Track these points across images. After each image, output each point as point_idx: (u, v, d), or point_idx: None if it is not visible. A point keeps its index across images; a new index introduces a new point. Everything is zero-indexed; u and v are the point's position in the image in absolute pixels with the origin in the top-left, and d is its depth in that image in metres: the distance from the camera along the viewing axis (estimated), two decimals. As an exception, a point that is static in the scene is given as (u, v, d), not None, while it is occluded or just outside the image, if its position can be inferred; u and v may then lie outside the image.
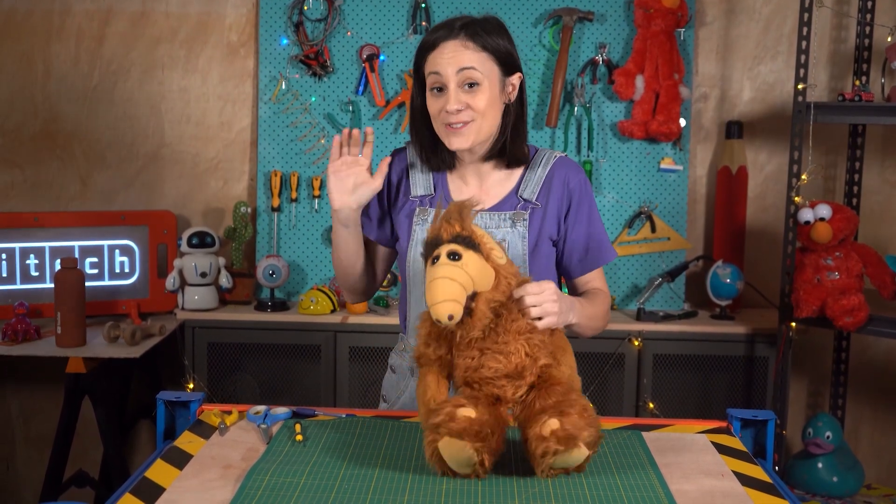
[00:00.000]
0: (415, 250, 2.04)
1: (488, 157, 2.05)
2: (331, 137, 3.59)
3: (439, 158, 2.07)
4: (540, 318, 1.71)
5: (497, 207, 2.05)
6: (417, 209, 2.07)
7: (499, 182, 2.08)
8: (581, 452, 1.57)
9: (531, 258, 2.02)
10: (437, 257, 1.62)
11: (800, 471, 3.31)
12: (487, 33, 1.96)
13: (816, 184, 3.68)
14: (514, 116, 2.03)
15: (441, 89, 1.96)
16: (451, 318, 1.59)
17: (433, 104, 1.98)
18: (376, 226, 2.16)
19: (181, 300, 3.48)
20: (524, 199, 2.05)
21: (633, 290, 3.61)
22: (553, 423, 1.56)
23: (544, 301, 1.71)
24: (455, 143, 1.98)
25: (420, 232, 2.04)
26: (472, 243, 1.63)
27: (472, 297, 1.62)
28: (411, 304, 2.10)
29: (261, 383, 3.47)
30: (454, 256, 1.61)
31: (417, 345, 1.76)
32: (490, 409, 1.63)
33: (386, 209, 2.14)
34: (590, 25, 3.56)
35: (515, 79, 2.01)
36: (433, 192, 2.08)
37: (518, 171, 2.08)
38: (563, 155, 2.11)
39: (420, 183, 2.09)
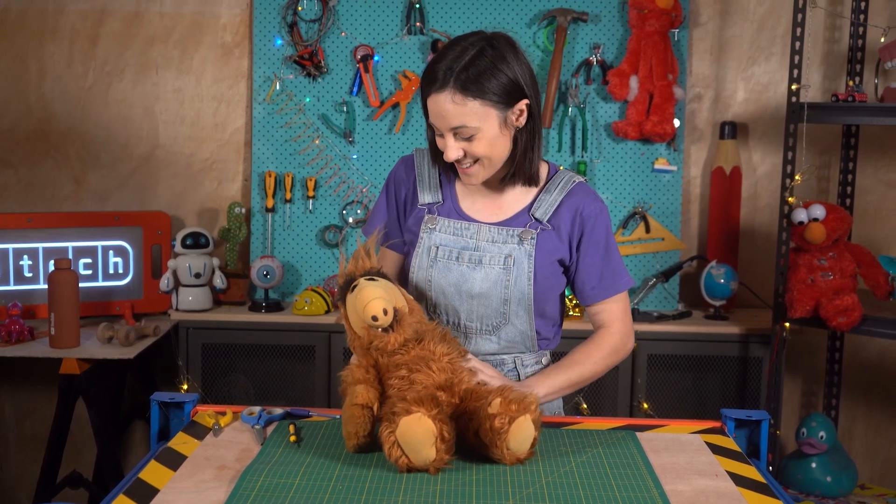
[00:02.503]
0: (420, 258, 2.04)
1: (502, 179, 2.03)
2: (325, 138, 3.59)
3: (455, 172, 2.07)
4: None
5: (507, 223, 2.04)
6: (426, 216, 2.06)
7: (514, 197, 2.06)
8: (529, 425, 1.63)
9: (536, 277, 2.01)
10: (357, 285, 1.77)
11: (794, 471, 3.32)
12: (480, 76, 1.86)
13: (810, 184, 3.68)
14: (524, 141, 1.98)
15: (441, 134, 1.94)
16: (385, 312, 1.72)
17: (437, 142, 1.98)
18: (386, 232, 2.15)
19: (175, 301, 3.47)
20: (535, 219, 2.03)
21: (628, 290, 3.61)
22: (496, 401, 1.65)
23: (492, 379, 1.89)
24: (465, 180, 2.00)
25: (427, 239, 2.04)
26: (383, 275, 1.82)
27: (395, 313, 1.75)
28: None
29: (255, 384, 3.46)
30: (371, 279, 1.77)
31: (350, 370, 1.83)
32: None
33: (395, 216, 2.14)
34: (584, 26, 3.57)
35: (522, 105, 1.93)
36: (441, 200, 2.07)
37: (534, 189, 2.06)
38: (583, 181, 2.08)
39: (428, 191, 2.08)
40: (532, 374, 2.08)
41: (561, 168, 2.10)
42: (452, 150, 1.92)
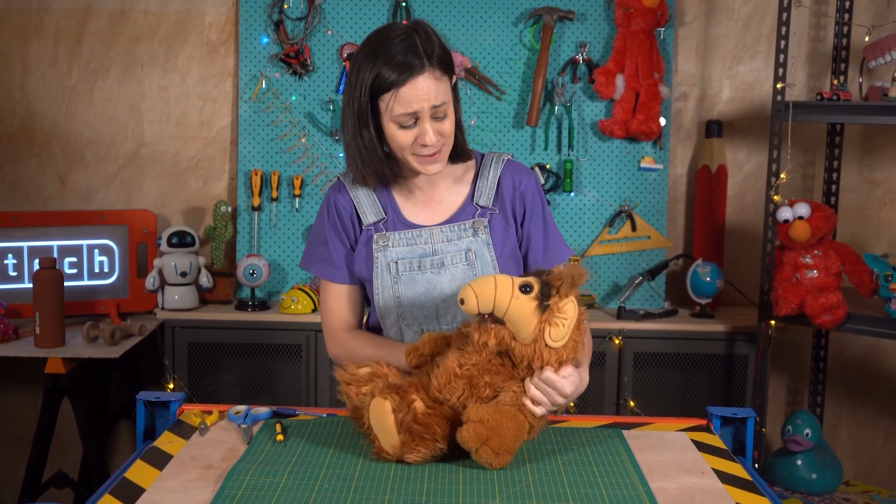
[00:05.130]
0: (381, 278, 2.00)
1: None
2: (311, 136, 3.59)
3: (385, 176, 1.99)
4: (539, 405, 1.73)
5: (454, 218, 2.01)
6: (375, 236, 2.00)
7: (449, 191, 2.04)
8: (376, 406, 1.66)
9: (499, 263, 2.00)
10: (523, 276, 1.70)
11: (779, 468, 3.33)
12: (437, 47, 1.87)
13: (795, 182, 3.70)
14: (457, 113, 1.98)
15: (412, 124, 1.87)
16: (462, 301, 1.66)
17: (402, 136, 1.88)
18: (346, 270, 2.07)
19: (161, 300, 3.46)
20: (480, 206, 2.02)
21: (614, 288, 3.63)
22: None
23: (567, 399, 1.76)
24: (432, 169, 1.93)
25: (383, 258, 1.99)
26: (545, 298, 1.67)
27: (496, 320, 1.68)
28: (386, 330, 2.08)
29: (241, 383, 3.46)
30: (524, 288, 1.67)
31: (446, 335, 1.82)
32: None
33: (348, 246, 2.06)
34: (570, 24, 3.57)
35: (454, 77, 1.95)
36: (385, 215, 2.02)
37: (468, 177, 2.05)
38: (510, 157, 2.08)
39: (370, 210, 2.02)
40: None
41: (485, 153, 2.09)
42: (433, 132, 1.87)
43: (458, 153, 2.01)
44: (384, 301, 2.01)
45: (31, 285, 3.19)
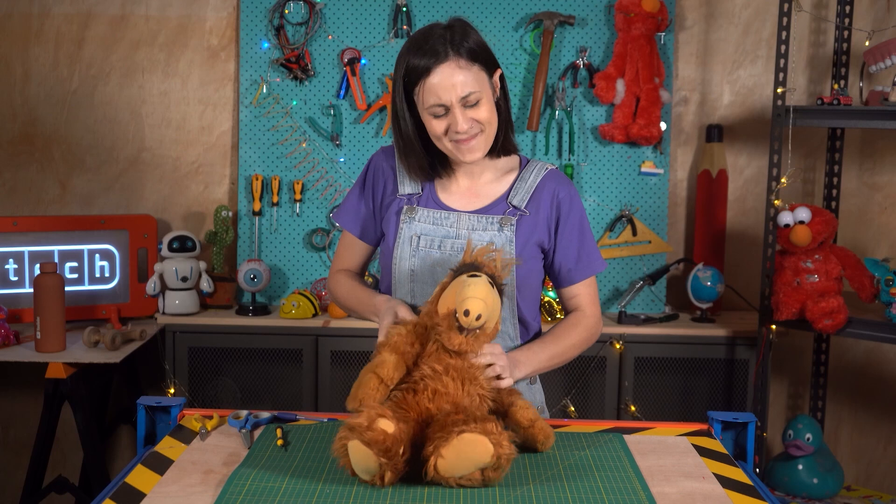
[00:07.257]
0: (401, 248, 2.04)
1: (486, 154, 2.04)
2: (312, 141, 3.59)
3: (432, 172, 2.07)
4: (500, 378, 1.82)
5: (486, 210, 2.05)
6: (405, 207, 2.06)
7: (488, 184, 2.08)
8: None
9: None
10: (478, 276, 1.70)
11: (780, 473, 3.33)
12: (467, 39, 1.93)
13: (796, 187, 3.70)
14: (505, 111, 2.04)
15: (444, 114, 1.94)
16: (479, 318, 1.66)
17: (436, 126, 1.96)
18: (361, 224, 2.15)
19: (162, 305, 3.46)
20: (513, 206, 2.05)
21: (615, 293, 3.63)
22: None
23: (499, 361, 1.82)
24: (468, 157, 1.98)
25: (407, 229, 2.03)
26: (500, 289, 1.75)
27: (482, 326, 1.70)
28: None
29: (242, 388, 3.46)
30: (493, 285, 1.71)
31: (397, 340, 1.76)
32: (410, 427, 1.63)
33: (371, 208, 2.13)
34: (571, 29, 3.57)
35: (497, 75, 2.00)
36: (420, 191, 2.08)
37: (509, 177, 2.08)
38: (555, 168, 2.11)
39: (408, 182, 2.09)
40: (516, 348, 2.05)
41: (531, 159, 2.14)
42: (464, 120, 1.93)
43: (504, 148, 2.06)
44: (400, 273, 2.04)
45: (31, 290, 3.19)
